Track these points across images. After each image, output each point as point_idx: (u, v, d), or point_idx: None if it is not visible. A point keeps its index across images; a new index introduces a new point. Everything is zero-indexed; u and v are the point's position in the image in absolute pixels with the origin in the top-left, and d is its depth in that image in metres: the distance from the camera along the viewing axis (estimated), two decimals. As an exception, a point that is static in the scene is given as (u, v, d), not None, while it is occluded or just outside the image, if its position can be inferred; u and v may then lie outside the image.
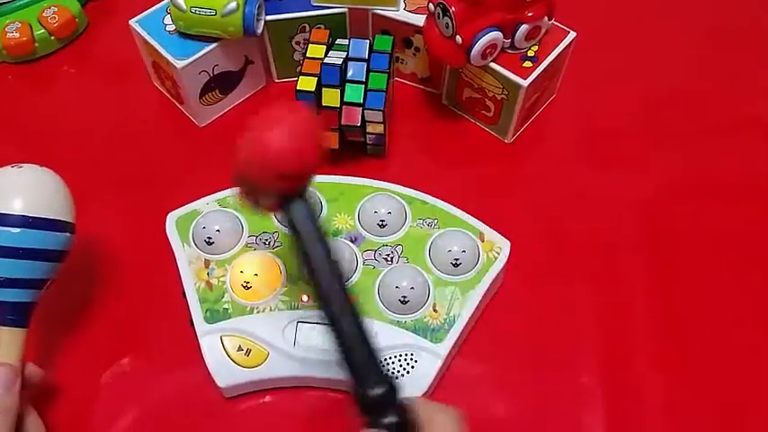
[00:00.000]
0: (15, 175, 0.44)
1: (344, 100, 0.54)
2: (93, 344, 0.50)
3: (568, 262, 0.55)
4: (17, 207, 0.42)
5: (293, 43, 0.62)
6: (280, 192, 0.36)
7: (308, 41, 0.58)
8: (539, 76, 0.55)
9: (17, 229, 0.42)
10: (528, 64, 0.56)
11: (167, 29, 0.59)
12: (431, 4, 0.54)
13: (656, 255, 0.55)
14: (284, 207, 0.36)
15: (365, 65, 0.55)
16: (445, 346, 0.47)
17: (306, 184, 0.36)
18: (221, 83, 0.61)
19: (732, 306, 0.52)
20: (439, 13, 0.53)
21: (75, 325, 0.50)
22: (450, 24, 0.52)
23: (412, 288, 0.48)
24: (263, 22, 0.59)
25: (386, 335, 0.47)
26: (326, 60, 0.55)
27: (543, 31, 0.56)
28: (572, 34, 0.58)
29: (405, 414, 0.33)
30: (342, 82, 0.55)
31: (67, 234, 0.45)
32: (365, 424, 0.33)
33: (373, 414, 0.33)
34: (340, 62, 0.55)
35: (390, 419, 0.33)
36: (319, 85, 0.54)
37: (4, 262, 0.42)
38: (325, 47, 0.57)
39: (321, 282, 0.35)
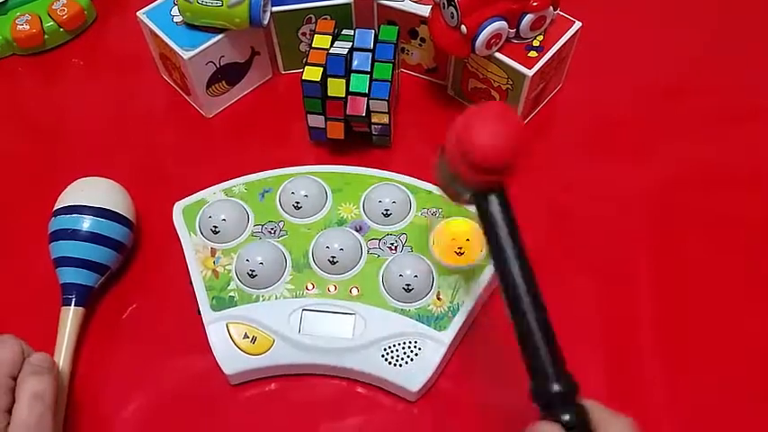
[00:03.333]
0: (91, 181, 0.53)
1: (350, 90, 0.55)
2: (101, 331, 0.51)
3: (573, 251, 0.55)
4: (93, 202, 0.51)
5: (299, 34, 0.62)
6: (478, 184, 0.36)
7: (313, 32, 0.58)
8: (544, 65, 0.55)
9: (92, 218, 0.50)
10: (533, 54, 0.56)
11: (174, 20, 0.59)
12: (436, -6, 0.54)
13: (661, 244, 0.55)
14: (480, 200, 0.36)
15: (370, 55, 0.56)
16: (449, 334, 0.47)
17: (503, 180, 0.36)
18: (228, 74, 0.61)
19: (737, 296, 0.52)
20: (444, 3, 0.53)
21: (87, 312, 0.51)
22: (455, 14, 0.52)
23: (416, 276, 0.48)
24: (269, 14, 0.59)
25: (390, 322, 0.47)
26: (332, 51, 0.55)
27: (548, 20, 0.56)
28: (577, 24, 0.58)
29: (582, 414, 0.33)
30: (347, 72, 0.55)
31: (129, 230, 0.52)
32: (542, 417, 0.34)
33: (552, 410, 0.33)
34: (345, 52, 0.55)
35: (568, 417, 0.33)
36: (325, 76, 0.55)
37: (80, 245, 0.50)
38: (330, 37, 0.57)
39: (510, 277, 0.35)
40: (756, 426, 0.47)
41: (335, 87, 0.55)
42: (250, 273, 0.49)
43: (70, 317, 0.49)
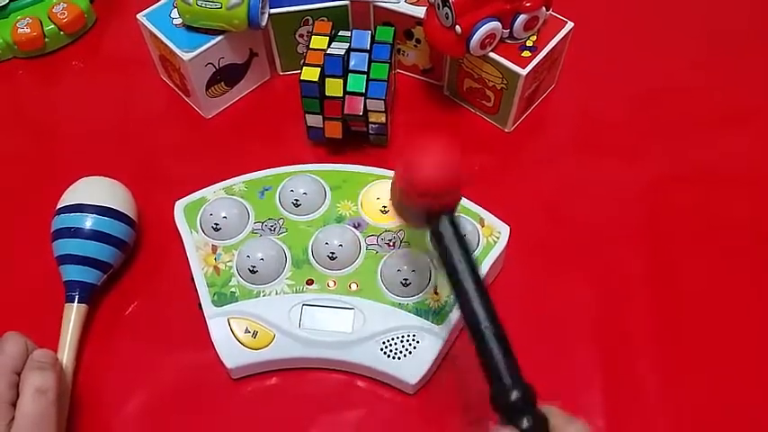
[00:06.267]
0: (93, 180, 0.54)
1: (347, 90, 0.56)
2: (104, 328, 0.52)
3: (567, 248, 0.56)
4: (95, 200, 0.52)
5: (297, 36, 0.63)
6: (424, 208, 0.40)
7: (311, 34, 0.59)
8: (537, 65, 0.57)
9: (95, 216, 0.51)
10: (526, 53, 0.57)
11: (174, 22, 0.60)
12: (431, -4, 0.55)
13: (654, 242, 0.56)
14: (431, 222, 0.40)
15: (367, 55, 0.57)
16: (446, 328, 0.48)
17: (451, 205, 0.40)
18: (227, 75, 0.62)
19: (731, 295, 0.53)
20: (439, 4, 0.54)
21: (89, 310, 0.52)
22: (449, 15, 0.53)
23: (413, 271, 0.49)
24: (267, 15, 0.60)
25: (389, 316, 0.48)
26: (329, 51, 0.56)
27: (541, 21, 0.58)
28: (570, 24, 0.59)
29: (539, 420, 0.35)
30: (344, 72, 0.56)
31: (131, 228, 0.53)
32: (501, 422, 0.35)
33: (510, 416, 0.35)
34: (342, 53, 0.56)
35: (526, 423, 0.34)
36: (323, 76, 0.56)
37: (83, 243, 0.50)
38: (328, 38, 0.58)
39: (464, 291, 0.38)
40: (753, 425, 0.48)
41: (333, 87, 0.56)
42: (251, 269, 0.50)
43: (73, 314, 0.50)
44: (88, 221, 0.51)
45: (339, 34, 0.60)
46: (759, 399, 0.48)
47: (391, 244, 0.51)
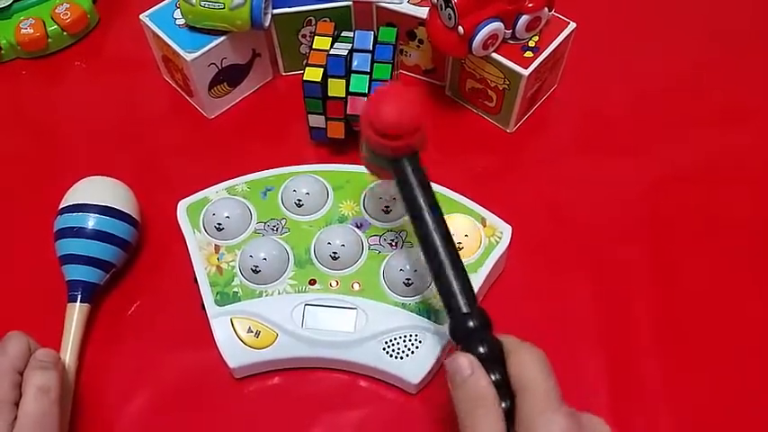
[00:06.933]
0: (96, 180, 0.54)
1: (350, 90, 0.56)
2: (106, 327, 0.52)
3: (569, 248, 0.56)
4: (98, 200, 0.52)
5: (299, 36, 0.63)
6: (390, 150, 0.42)
7: (314, 34, 0.59)
8: (539, 65, 0.57)
9: (98, 216, 0.51)
10: (529, 54, 0.57)
11: (177, 23, 0.60)
12: (433, -4, 0.55)
13: (657, 241, 0.56)
14: (395, 164, 0.42)
15: (370, 56, 0.57)
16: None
17: (410, 144, 0.42)
18: (229, 75, 0.62)
19: (734, 293, 0.53)
20: (441, 5, 0.54)
21: (92, 309, 0.52)
22: (452, 15, 0.53)
23: (416, 271, 0.49)
24: (269, 16, 0.60)
25: (391, 316, 0.48)
26: (332, 52, 0.57)
27: (543, 21, 0.58)
28: (572, 25, 0.59)
29: (494, 344, 0.37)
30: (347, 73, 0.56)
31: (134, 228, 0.53)
32: (460, 350, 0.37)
33: (468, 342, 0.37)
34: (345, 53, 0.56)
35: (482, 349, 0.37)
36: (325, 76, 0.56)
37: (86, 242, 0.50)
38: (330, 39, 0.58)
39: (425, 226, 0.41)
40: (754, 422, 0.48)
41: (336, 88, 0.56)
42: (253, 269, 0.50)
43: (76, 313, 0.50)
44: (91, 221, 0.51)
45: (342, 35, 0.60)
46: (763, 397, 0.48)
47: (394, 244, 0.51)
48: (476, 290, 0.48)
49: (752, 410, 0.48)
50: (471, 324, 0.38)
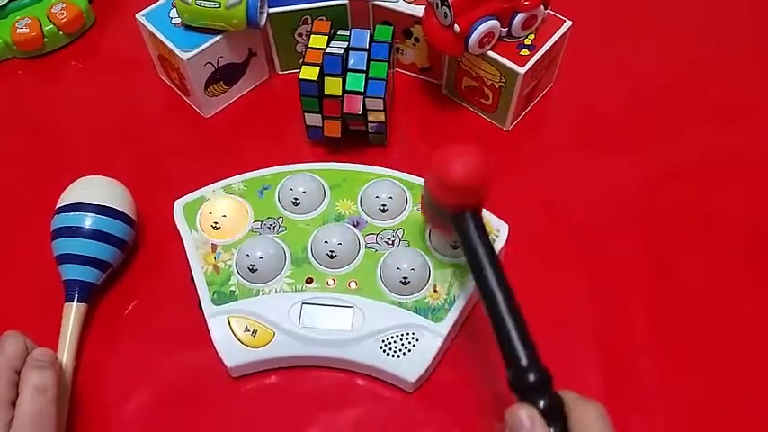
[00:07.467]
0: (93, 179, 0.54)
1: (346, 89, 0.56)
2: (103, 327, 0.52)
3: (565, 245, 0.56)
4: (95, 199, 0.52)
5: (296, 35, 0.63)
6: (454, 205, 0.43)
7: (310, 33, 0.59)
8: (535, 63, 0.57)
9: (94, 215, 0.51)
10: (525, 52, 0.57)
11: (173, 22, 0.60)
12: (429, -5, 0.55)
13: (652, 238, 0.56)
14: (458, 219, 0.43)
15: (366, 54, 0.57)
16: (446, 325, 0.48)
17: (476, 203, 0.43)
18: (226, 74, 0.62)
19: (730, 291, 0.53)
20: (437, 3, 0.54)
21: (89, 309, 0.52)
22: (448, 14, 0.53)
23: (412, 269, 0.49)
24: (265, 15, 0.60)
25: (388, 315, 0.48)
26: (328, 50, 0.57)
27: (539, 19, 0.58)
28: (568, 23, 0.59)
29: (557, 400, 0.37)
30: (343, 71, 0.56)
31: (130, 227, 0.53)
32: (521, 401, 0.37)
33: (528, 396, 0.37)
34: (341, 52, 0.56)
35: (543, 403, 0.36)
36: (322, 75, 0.56)
37: (82, 242, 0.50)
38: (327, 37, 0.58)
39: (488, 282, 0.41)
40: (750, 419, 0.48)
41: (332, 86, 0.56)
42: (250, 267, 0.50)
43: (73, 313, 0.50)
44: (87, 221, 0.51)
45: (338, 33, 0.60)
46: (759, 394, 0.49)
47: (390, 242, 0.52)
48: (472, 288, 0.49)
49: (747, 407, 0.48)
50: (532, 377, 0.37)
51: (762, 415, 0.48)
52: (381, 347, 0.48)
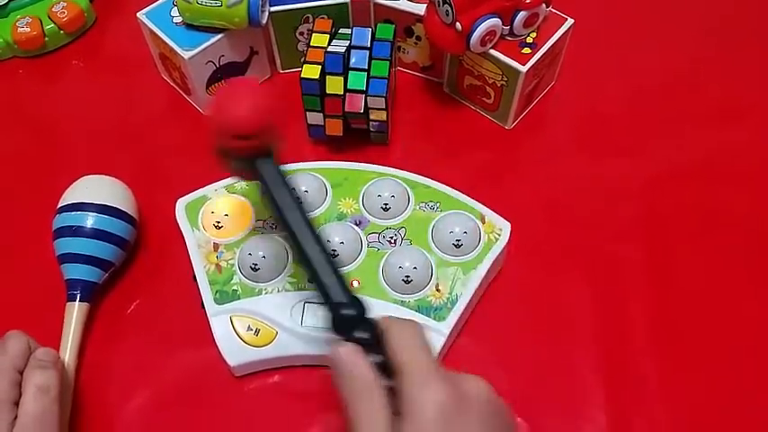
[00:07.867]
0: (94, 179, 0.54)
1: (348, 87, 0.56)
2: (106, 326, 0.52)
3: (566, 245, 0.56)
4: (96, 199, 0.52)
5: (297, 34, 0.63)
6: (244, 151, 0.41)
7: (311, 31, 0.59)
8: (537, 61, 0.57)
9: (96, 215, 0.51)
10: (527, 50, 0.57)
11: (174, 21, 0.60)
12: (431, -7, 0.55)
13: (654, 238, 0.56)
14: (253, 165, 0.41)
15: (367, 53, 0.57)
16: (448, 325, 0.48)
17: (265, 144, 0.41)
18: (227, 73, 0.62)
19: (730, 291, 0.53)
20: (439, 2, 0.54)
21: (91, 309, 0.52)
22: (449, 12, 0.53)
23: (415, 268, 0.49)
24: (267, 13, 0.60)
25: (390, 314, 0.48)
26: (330, 49, 0.56)
27: (541, 17, 0.58)
28: (570, 21, 0.59)
29: (373, 328, 0.38)
30: (345, 70, 0.56)
31: (132, 227, 0.53)
32: (340, 339, 0.38)
33: (347, 331, 0.38)
34: (343, 50, 0.56)
35: (361, 334, 0.37)
36: (323, 73, 0.56)
37: (84, 241, 0.50)
38: (328, 36, 0.58)
39: (292, 228, 0.40)
40: (751, 420, 0.48)
41: (334, 85, 0.56)
42: (253, 266, 0.50)
43: (75, 312, 0.50)
44: (89, 220, 0.51)
45: (339, 32, 0.60)
46: (758, 395, 0.49)
47: (393, 241, 0.51)
48: (474, 287, 0.49)
49: (748, 409, 0.48)
50: (346, 312, 0.38)
51: (762, 415, 0.48)
52: (384, 346, 0.48)
